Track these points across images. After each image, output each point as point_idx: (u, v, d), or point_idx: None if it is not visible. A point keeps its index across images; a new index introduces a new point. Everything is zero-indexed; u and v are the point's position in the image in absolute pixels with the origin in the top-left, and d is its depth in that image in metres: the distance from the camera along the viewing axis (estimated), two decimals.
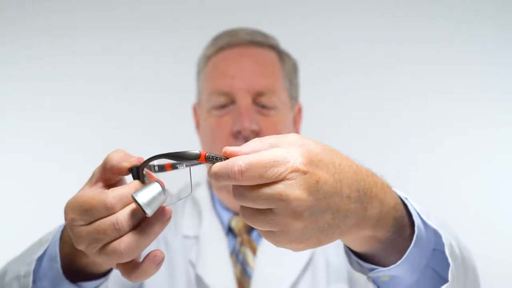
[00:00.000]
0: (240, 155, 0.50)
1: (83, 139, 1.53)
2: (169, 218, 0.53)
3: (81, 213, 0.53)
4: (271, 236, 0.51)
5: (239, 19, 1.42)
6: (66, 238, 0.65)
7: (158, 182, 0.52)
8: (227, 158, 0.50)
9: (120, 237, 0.52)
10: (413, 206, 0.61)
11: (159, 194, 0.51)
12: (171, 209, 0.53)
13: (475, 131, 1.50)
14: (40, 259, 0.66)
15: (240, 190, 0.50)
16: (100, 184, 0.56)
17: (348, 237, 0.56)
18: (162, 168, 0.57)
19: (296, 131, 1.14)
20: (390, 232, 0.59)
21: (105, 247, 0.52)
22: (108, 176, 0.56)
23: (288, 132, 1.06)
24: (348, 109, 1.55)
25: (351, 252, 0.64)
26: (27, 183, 1.49)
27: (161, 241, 1.04)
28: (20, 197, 1.48)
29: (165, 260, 1.00)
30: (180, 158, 0.52)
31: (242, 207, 0.51)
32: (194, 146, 1.19)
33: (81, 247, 0.54)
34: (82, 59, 1.57)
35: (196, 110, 1.16)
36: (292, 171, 0.48)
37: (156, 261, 0.54)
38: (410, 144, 1.51)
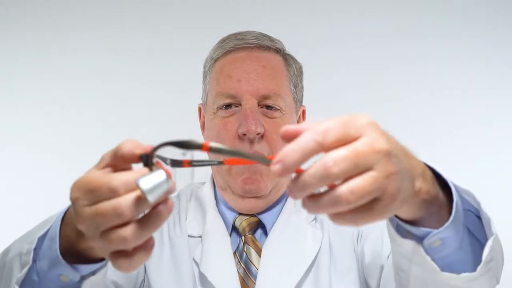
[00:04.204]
0: (303, 129, 0.50)
1: (85, 137, 1.54)
2: (171, 210, 0.52)
3: (85, 192, 0.52)
4: (376, 206, 0.50)
5: (239, 19, 1.44)
6: (68, 220, 0.66)
7: (163, 170, 0.51)
8: (232, 150, 0.51)
9: (122, 223, 0.51)
10: (440, 170, 0.65)
11: (163, 182, 0.50)
12: (173, 203, 0.53)
13: (475, 130, 1.52)
14: (42, 239, 0.67)
15: (339, 162, 0.47)
16: (109, 169, 0.55)
17: (412, 199, 0.57)
18: (179, 164, 0.58)
19: None
20: (434, 192, 0.61)
21: (109, 232, 0.52)
22: (118, 163, 0.55)
23: None
24: (349, 108, 1.56)
25: (403, 222, 0.65)
26: (29, 183, 1.51)
27: (166, 240, 1.06)
28: (22, 196, 1.49)
29: (171, 259, 1.03)
30: (184, 146, 0.52)
31: (333, 194, 0.48)
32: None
33: (81, 227, 0.54)
34: (86, 59, 1.58)
35: (201, 111, 1.18)
36: (367, 124, 0.50)
37: (148, 247, 0.54)
38: (409, 143, 1.52)
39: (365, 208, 0.50)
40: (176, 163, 0.58)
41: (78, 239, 0.64)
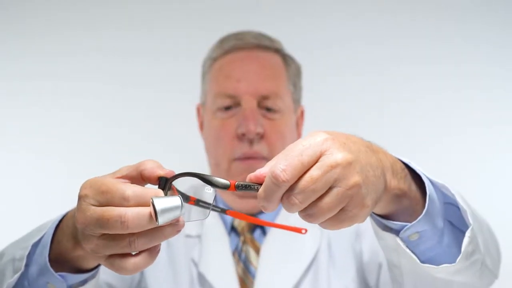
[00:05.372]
0: (265, 172, 0.52)
1: (85, 139, 1.54)
2: (180, 230, 0.54)
3: (97, 192, 0.53)
4: (343, 215, 0.53)
5: (240, 19, 1.43)
6: (64, 226, 0.67)
7: (180, 197, 0.52)
8: (256, 184, 0.53)
9: (122, 232, 0.52)
10: (414, 165, 0.66)
11: (177, 208, 0.51)
12: (184, 222, 0.54)
13: (475, 131, 1.51)
14: (35, 245, 0.68)
15: (297, 194, 0.51)
16: (124, 180, 0.56)
17: (385, 195, 0.59)
18: (186, 199, 0.59)
19: (299, 133, 1.16)
20: (406, 184, 0.63)
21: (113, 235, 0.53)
22: (135, 178, 0.56)
23: (292, 135, 1.09)
24: (347, 110, 1.56)
25: (380, 217, 0.67)
26: (29, 183, 1.50)
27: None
28: (23, 196, 1.49)
29: (167, 258, 1.03)
30: (210, 183, 0.54)
31: (306, 211, 0.52)
32: (197, 146, 1.20)
33: (79, 225, 0.54)
34: (85, 59, 1.58)
35: (200, 111, 1.18)
36: (323, 142, 0.52)
37: (154, 254, 0.55)
38: (410, 144, 1.52)
39: (333, 218, 0.53)
40: (183, 196, 0.59)
41: (70, 247, 0.65)
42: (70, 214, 0.66)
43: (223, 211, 0.57)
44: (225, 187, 0.54)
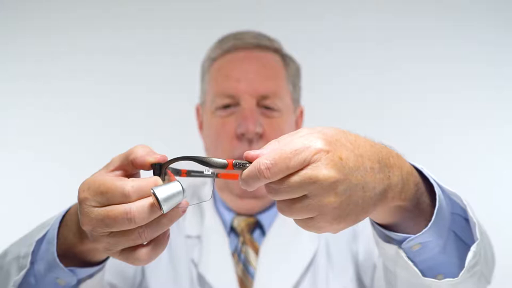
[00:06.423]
0: (259, 156, 0.52)
1: (84, 138, 1.54)
2: (185, 210, 0.54)
3: (96, 194, 0.53)
4: (311, 223, 0.53)
5: (240, 19, 1.43)
6: (68, 222, 0.67)
7: (179, 182, 0.52)
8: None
9: (130, 227, 0.52)
10: (428, 172, 0.65)
11: (178, 193, 0.52)
12: (187, 202, 0.54)
13: (475, 131, 1.51)
14: (40, 241, 0.68)
15: (272, 187, 0.52)
16: (118, 172, 0.56)
17: (379, 208, 0.58)
18: (177, 173, 0.58)
19: None
20: (414, 199, 0.62)
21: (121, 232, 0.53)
22: (128, 167, 0.56)
23: None
24: (347, 110, 1.56)
25: (380, 226, 0.66)
26: (28, 183, 1.50)
27: None
28: (21, 196, 1.49)
29: (168, 259, 1.03)
30: (207, 164, 0.54)
31: (278, 203, 0.53)
32: (197, 146, 1.20)
33: (86, 227, 0.54)
34: (85, 59, 1.58)
35: (199, 111, 1.18)
36: (315, 153, 0.51)
37: (165, 240, 0.56)
38: (410, 144, 1.51)
39: (302, 221, 0.54)
40: (174, 172, 0.58)
41: (77, 241, 0.65)
42: (73, 210, 0.66)
43: (214, 175, 0.58)
44: (223, 167, 0.53)
